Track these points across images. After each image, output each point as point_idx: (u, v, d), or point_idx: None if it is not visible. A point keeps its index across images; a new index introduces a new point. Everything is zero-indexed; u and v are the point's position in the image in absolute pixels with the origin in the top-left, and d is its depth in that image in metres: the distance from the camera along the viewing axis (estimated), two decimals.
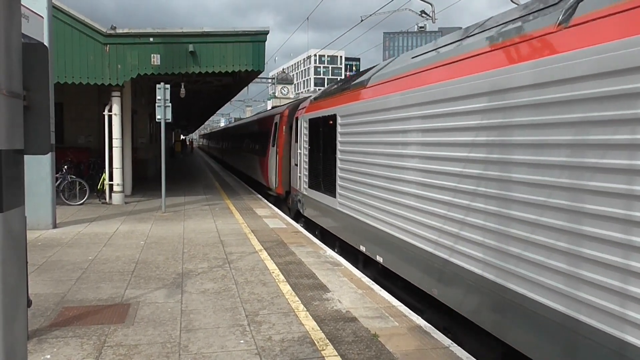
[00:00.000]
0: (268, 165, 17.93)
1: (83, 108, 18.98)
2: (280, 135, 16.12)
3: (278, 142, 16.24)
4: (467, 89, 5.38)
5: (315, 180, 11.27)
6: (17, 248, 2.79)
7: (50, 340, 5.10)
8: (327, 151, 10.25)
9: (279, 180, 16.03)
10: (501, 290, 4.72)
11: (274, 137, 17.21)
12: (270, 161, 17.48)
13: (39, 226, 10.89)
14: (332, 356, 4.79)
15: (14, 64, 2.67)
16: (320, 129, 10.80)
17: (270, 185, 17.71)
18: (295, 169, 13.42)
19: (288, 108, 16.10)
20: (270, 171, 17.45)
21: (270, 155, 17.55)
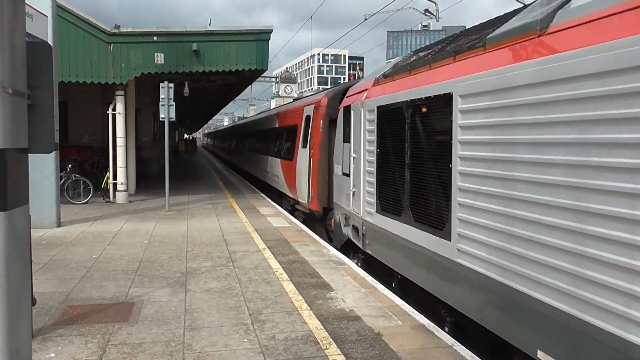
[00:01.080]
0: (296, 172, 13.91)
1: (87, 107, 19.03)
2: (316, 132, 12.25)
3: (312, 142, 12.46)
4: None
5: (394, 204, 7.14)
6: (22, 246, 2.79)
7: (55, 338, 5.11)
8: (425, 157, 6.30)
9: (313, 193, 12.17)
10: None
11: (305, 135, 13.36)
12: (300, 167, 13.63)
13: (43, 225, 10.92)
14: (336, 355, 4.79)
15: (19, 63, 2.67)
16: (403, 121, 6.82)
17: (299, 197, 13.64)
18: (344, 180, 9.46)
19: (327, 96, 12.15)
20: (300, 180, 13.55)
21: (300, 159, 13.68)
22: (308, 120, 13.13)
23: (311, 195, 12.35)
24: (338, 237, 10.31)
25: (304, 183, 13.03)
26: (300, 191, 13.56)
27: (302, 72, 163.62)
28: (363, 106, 8.45)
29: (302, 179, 13.27)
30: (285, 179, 15.77)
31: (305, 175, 12.93)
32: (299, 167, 13.63)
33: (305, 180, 12.82)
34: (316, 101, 12.63)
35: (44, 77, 2.99)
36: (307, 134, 13.10)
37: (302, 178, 13.20)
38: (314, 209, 12.24)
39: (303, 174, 13.17)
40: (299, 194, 13.64)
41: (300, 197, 13.53)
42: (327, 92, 12.55)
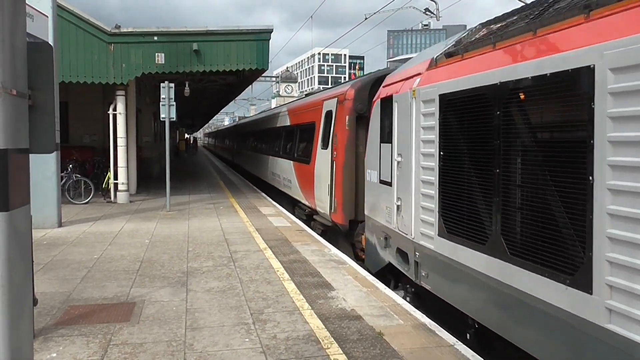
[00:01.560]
0: (314, 177, 11.91)
1: (88, 107, 19.03)
2: (340, 130, 10.28)
3: (335, 142, 10.50)
4: None
5: (471, 227, 5.23)
6: (23, 247, 2.80)
7: (56, 338, 5.12)
8: (534, 163, 4.48)
9: (336, 203, 10.20)
10: None
11: (325, 135, 11.45)
12: (318, 171, 11.72)
13: (45, 225, 10.93)
14: (337, 354, 4.79)
15: (19, 64, 2.68)
16: (490, 112, 4.94)
17: (318, 207, 11.71)
18: (382, 189, 7.69)
19: (353, 87, 10.16)
20: (319, 186, 11.58)
21: (318, 162, 11.73)
22: (329, 116, 11.23)
23: (334, 205, 10.31)
24: (372, 259, 8.33)
25: (324, 190, 11.02)
26: (319, 200, 11.52)
27: (303, 72, 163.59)
28: (415, 96, 6.44)
29: (321, 186, 11.26)
30: (300, 184, 13.66)
31: (325, 181, 10.94)
32: (318, 172, 11.67)
33: (326, 187, 10.83)
34: (340, 94, 10.62)
35: (44, 78, 3.00)
36: (327, 133, 11.19)
37: (322, 184, 11.18)
38: (337, 221, 10.16)
39: (323, 179, 11.16)
40: (318, 202, 11.64)
41: (319, 207, 11.55)
42: (353, 83, 10.48)
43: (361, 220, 9.45)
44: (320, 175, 11.51)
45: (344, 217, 10.01)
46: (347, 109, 10.09)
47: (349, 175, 9.97)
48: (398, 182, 7.07)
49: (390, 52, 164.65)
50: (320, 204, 11.50)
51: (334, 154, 10.47)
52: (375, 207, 8.14)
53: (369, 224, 8.61)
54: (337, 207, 10.19)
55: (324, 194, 11.08)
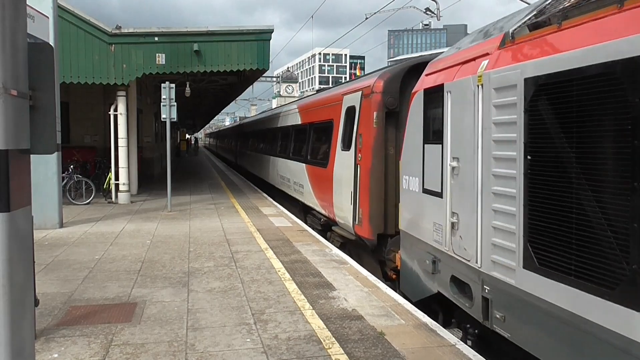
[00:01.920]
0: (332, 183, 10.46)
1: (89, 108, 19.06)
2: (366, 128, 8.81)
3: (360, 142, 9.00)
4: None
5: (594, 267, 3.67)
6: (24, 247, 2.80)
7: (58, 339, 5.12)
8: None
9: (362, 213, 8.75)
10: None
11: (346, 134, 10.05)
12: (338, 176, 10.21)
13: (46, 226, 10.94)
14: (339, 354, 4.79)
15: (20, 64, 2.68)
16: (624, 100, 3.45)
17: (337, 217, 10.25)
18: (428, 201, 6.35)
19: (382, 78, 8.68)
20: (339, 193, 10.11)
21: (338, 166, 10.26)
22: (351, 113, 9.77)
23: (358, 216, 8.86)
24: (411, 284, 6.99)
25: (345, 198, 9.56)
26: (339, 209, 10.05)
27: (304, 72, 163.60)
28: (481, 83, 5.10)
29: (342, 193, 9.81)
30: (314, 190, 12.09)
31: (347, 188, 9.46)
32: (337, 177, 10.20)
33: (349, 195, 9.32)
34: (365, 87, 9.14)
35: (45, 78, 3.00)
36: (349, 132, 9.75)
37: (343, 191, 9.74)
38: (363, 235, 8.68)
39: (344, 185, 9.70)
40: (337, 212, 10.17)
41: (339, 217, 10.03)
42: (381, 73, 8.93)
43: (391, 234, 8.27)
44: (340, 181, 10.02)
45: (370, 231, 8.45)
46: (375, 104, 8.57)
47: (377, 182, 8.47)
48: (453, 193, 5.66)
49: (391, 52, 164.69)
50: (340, 213, 9.99)
51: (359, 157, 8.97)
52: (417, 221, 6.74)
53: (406, 241, 7.16)
54: (363, 218, 8.67)
55: (345, 202, 9.56)
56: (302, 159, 13.55)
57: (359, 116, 9.21)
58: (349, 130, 9.83)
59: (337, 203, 10.17)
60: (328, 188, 10.83)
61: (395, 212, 8.08)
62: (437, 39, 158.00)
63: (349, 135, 9.75)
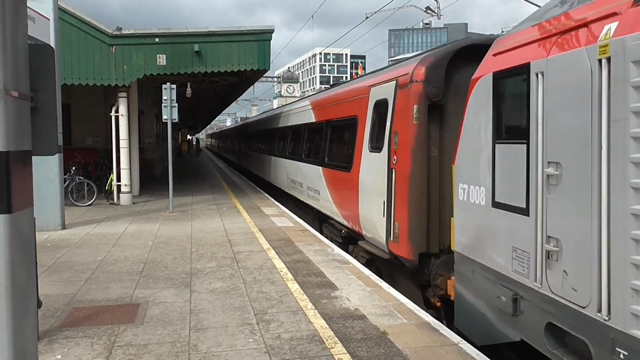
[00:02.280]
0: (358, 190, 9.01)
1: (90, 109, 19.08)
2: (403, 125, 7.38)
3: (395, 142, 7.59)
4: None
5: None
6: (27, 249, 2.80)
7: (61, 340, 5.13)
8: None
9: (400, 228, 7.33)
10: None
11: (375, 132, 8.56)
12: (365, 181, 8.78)
13: (48, 227, 10.95)
14: (341, 354, 4.79)
15: (21, 66, 2.68)
16: None
17: (364, 230, 8.77)
18: (504, 218, 5.03)
19: (423, 64, 7.23)
20: (366, 202, 8.66)
21: (365, 170, 8.80)
22: (381, 107, 8.31)
23: (394, 231, 7.46)
24: (474, 322, 5.59)
25: (375, 209, 8.14)
26: (366, 220, 8.60)
27: (304, 72, 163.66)
28: (608, 54, 3.75)
29: (370, 202, 8.40)
30: (333, 197, 10.62)
31: (378, 197, 8.02)
32: (364, 183, 8.76)
33: (380, 205, 7.93)
34: (401, 75, 7.65)
35: (46, 80, 3.00)
36: (379, 130, 8.32)
37: (372, 200, 8.34)
38: (401, 254, 7.26)
39: (373, 193, 8.27)
40: (364, 224, 8.71)
41: (366, 230, 8.62)
42: (422, 58, 7.42)
43: (435, 253, 6.98)
44: (368, 188, 8.58)
45: (410, 249, 7.01)
46: (415, 96, 7.12)
47: (418, 190, 7.03)
48: (549, 211, 4.36)
49: (391, 51, 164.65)
50: (368, 226, 8.51)
51: (393, 160, 7.57)
52: (483, 244, 5.33)
53: (465, 267, 5.72)
54: (400, 234, 7.25)
55: (375, 214, 8.15)
56: (318, 161, 12.02)
57: (394, 111, 7.74)
58: (378, 128, 8.41)
59: (365, 214, 8.69)
60: (352, 196, 9.30)
61: (439, 227, 6.94)
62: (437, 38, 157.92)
63: (380, 133, 8.31)
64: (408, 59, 8.57)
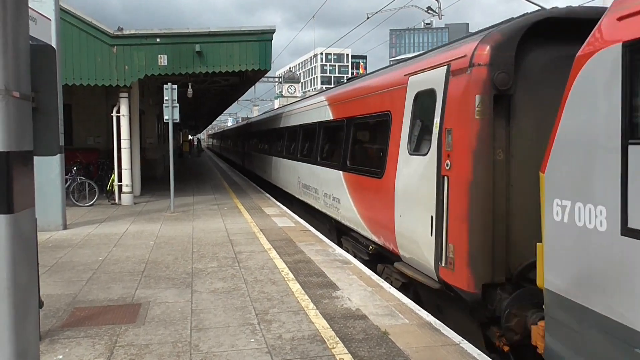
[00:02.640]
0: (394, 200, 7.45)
1: (91, 109, 19.11)
2: (461, 121, 5.86)
3: (450, 143, 6.04)
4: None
5: None
6: (28, 249, 2.80)
7: (63, 340, 5.13)
8: None
9: (456, 251, 5.80)
10: None
11: (415, 131, 7.16)
12: (404, 191, 7.21)
13: (50, 227, 10.96)
14: (343, 354, 4.79)
15: (22, 66, 2.68)
16: None
17: (401, 249, 7.27)
18: (616, 246, 3.52)
19: (487, 42, 5.64)
20: (406, 215, 7.12)
21: (404, 176, 7.24)
22: (426, 100, 6.75)
23: (447, 254, 5.92)
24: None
25: (420, 225, 6.56)
26: (405, 238, 7.03)
27: (305, 72, 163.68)
28: None
29: (412, 216, 6.81)
30: (359, 207, 9.00)
31: (422, 209, 6.49)
32: (403, 192, 7.16)
33: (426, 220, 6.38)
34: (455, 57, 6.09)
35: (47, 80, 3.00)
36: (423, 128, 6.87)
37: (415, 214, 6.73)
38: (457, 284, 5.75)
39: (418, 205, 6.65)
40: (402, 242, 7.13)
41: (406, 250, 7.06)
42: (484, 36, 5.82)
43: (500, 283, 5.50)
44: (408, 199, 7.00)
45: (471, 279, 5.52)
46: (478, 84, 5.59)
47: (482, 204, 5.54)
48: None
49: (392, 51, 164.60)
50: (408, 245, 6.98)
51: (446, 165, 6.03)
52: (604, 286, 3.80)
53: (563, 313, 4.19)
54: (457, 259, 5.74)
55: (419, 230, 6.60)
56: (338, 164, 10.37)
57: (445, 104, 6.18)
58: (422, 126, 6.96)
59: (403, 230, 7.11)
60: (385, 207, 7.74)
61: (505, 249, 5.54)
62: (438, 38, 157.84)
63: (423, 132, 6.85)
64: (409, 58, 8.26)
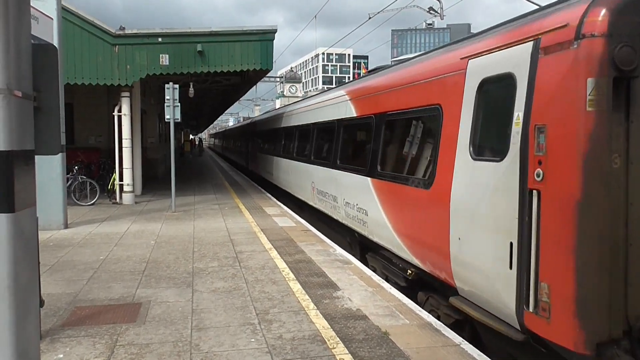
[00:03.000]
0: (450, 217, 5.71)
1: (93, 109, 19.12)
2: (564, 115, 4.21)
3: (541, 145, 4.38)
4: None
5: None
6: (29, 248, 2.80)
7: (63, 339, 5.14)
8: None
9: (552, 295, 4.18)
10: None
11: (484, 128, 5.50)
12: (467, 207, 5.47)
13: (51, 226, 10.98)
14: (343, 354, 4.79)
15: (24, 65, 2.68)
16: None
17: (458, 281, 5.64)
18: None
19: (601, 4, 4.07)
20: (467, 239, 5.42)
21: (464, 187, 5.58)
22: (498, 88, 5.29)
23: (539, 298, 4.37)
24: None
25: (490, 251, 5.02)
26: (467, 267, 5.49)
27: (307, 72, 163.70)
28: None
29: (479, 239, 5.25)
30: (393, 221, 7.50)
31: (498, 233, 4.94)
32: (463, 207, 5.58)
33: (502, 247, 4.84)
34: (550, 28, 4.54)
35: (49, 79, 3.01)
36: (496, 125, 5.37)
37: (483, 237, 5.19)
38: (560, 342, 4.18)
39: (488, 226, 5.12)
40: (462, 272, 5.60)
41: (467, 283, 5.54)
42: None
43: (616, 339, 4.08)
44: (471, 216, 5.41)
45: (581, 335, 4.04)
46: (590, 63, 4.11)
47: (596, 230, 4.07)
48: None
49: (394, 51, 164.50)
50: (470, 276, 5.45)
51: (536, 174, 4.49)
52: None
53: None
54: (557, 305, 4.22)
55: (489, 259, 5.07)
56: (365, 170, 8.72)
57: (532, 92, 4.63)
58: (492, 122, 5.46)
59: (463, 256, 5.54)
60: (434, 224, 6.18)
61: (625, 290, 4.13)
62: (440, 38, 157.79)
63: (496, 130, 5.34)
64: (411, 59, 7.77)
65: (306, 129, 13.86)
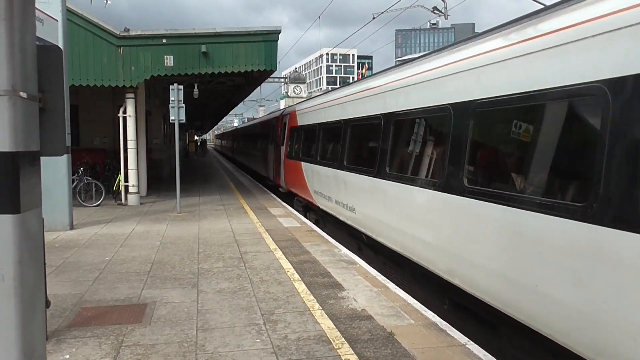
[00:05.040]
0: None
1: (98, 110, 19.17)
2: None
3: None
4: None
5: None
6: (35, 249, 2.81)
7: (69, 340, 5.15)
8: None
9: None
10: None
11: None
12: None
13: (57, 227, 11.01)
14: (349, 355, 4.78)
15: (29, 67, 2.69)
16: None
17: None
18: None
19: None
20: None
21: None
22: None
23: None
24: None
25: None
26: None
27: (311, 72, 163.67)
28: None
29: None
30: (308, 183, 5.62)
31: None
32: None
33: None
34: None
35: (54, 81, 3.01)
36: None
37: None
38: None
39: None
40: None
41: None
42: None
43: None
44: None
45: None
46: None
47: None
48: None
49: (398, 51, 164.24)
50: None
51: None
52: None
53: None
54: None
55: None
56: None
57: None
58: None
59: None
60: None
61: None
62: (444, 38, 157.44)
63: None
64: (416, 59, 7.91)
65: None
